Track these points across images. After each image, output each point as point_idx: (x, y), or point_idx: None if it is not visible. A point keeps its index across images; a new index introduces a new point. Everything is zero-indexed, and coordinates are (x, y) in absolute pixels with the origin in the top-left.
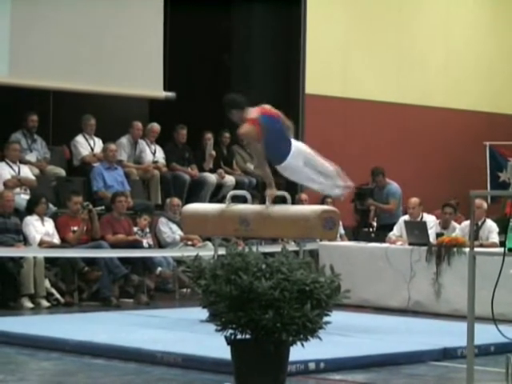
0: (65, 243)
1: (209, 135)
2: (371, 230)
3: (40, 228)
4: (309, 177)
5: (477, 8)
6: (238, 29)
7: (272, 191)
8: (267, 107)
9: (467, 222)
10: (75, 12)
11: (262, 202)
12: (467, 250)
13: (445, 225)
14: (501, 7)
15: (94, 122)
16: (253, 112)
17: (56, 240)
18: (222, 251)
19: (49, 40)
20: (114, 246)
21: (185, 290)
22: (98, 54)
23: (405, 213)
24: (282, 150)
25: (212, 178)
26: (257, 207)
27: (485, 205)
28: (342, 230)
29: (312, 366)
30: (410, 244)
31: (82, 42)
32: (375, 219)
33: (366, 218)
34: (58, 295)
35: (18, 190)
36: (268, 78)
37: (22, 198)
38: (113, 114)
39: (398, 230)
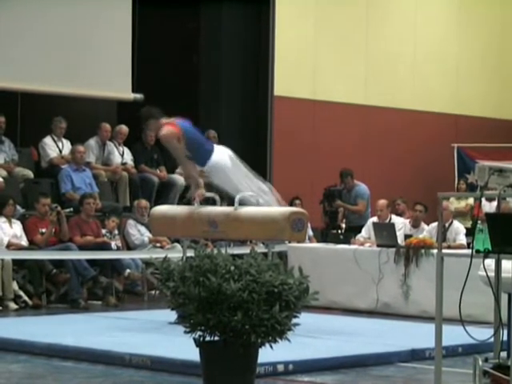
0: (33, 245)
1: None
2: (340, 231)
3: (8, 230)
4: (240, 182)
5: (444, 11)
6: (206, 29)
7: (200, 191)
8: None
9: (434, 224)
10: (43, 14)
11: (231, 203)
12: (435, 251)
13: (415, 223)
14: (468, 10)
15: (65, 125)
16: (169, 119)
17: (24, 242)
18: (190, 253)
19: (16, 42)
20: (83, 248)
21: (153, 291)
22: (66, 56)
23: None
24: (203, 153)
25: (181, 179)
26: (225, 209)
27: (452, 206)
28: (310, 232)
29: (281, 367)
30: (378, 246)
31: (49, 44)
32: (344, 221)
33: (335, 219)
34: (25, 297)
35: None
36: (237, 79)
37: None
38: (81, 116)
39: (367, 231)
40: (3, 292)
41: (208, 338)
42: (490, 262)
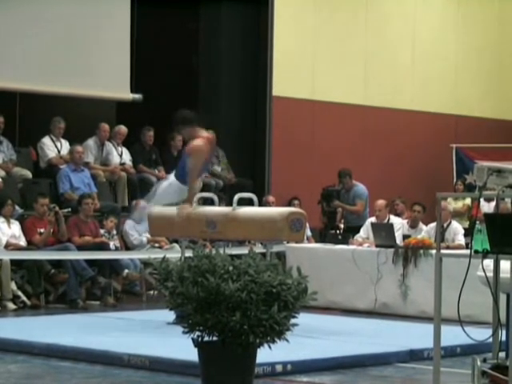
0: (31, 245)
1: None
2: (338, 231)
3: (6, 230)
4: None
5: (443, 11)
6: (205, 30)
7: (191, 208)
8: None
9: (433, 224)
10: (42, 14)
11: (229, 204)
12: (434, 251)
13: (413, 224)
14: (466, 11)
15: (64, 125)
16: (204, 133)
17: (22, 242)
18: (189, 253)
19: (15, 42)
20: (81, 248)
21: (152, 292)
22: (65, 56)
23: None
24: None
25: None
26: (224, 209)
27: (450, 207)
28: (309, 232)
29: (279, 367)
30: (376, 246)
31: (48, 44)
32: (342, 221)
33: (333, 219)
34: (24, 298)
35: None
36: (236, 79)
37: None
38: (80, 116)
39: (365, 231)
40: (1, 292)
41: (206, 338)
42: (489, 263)
